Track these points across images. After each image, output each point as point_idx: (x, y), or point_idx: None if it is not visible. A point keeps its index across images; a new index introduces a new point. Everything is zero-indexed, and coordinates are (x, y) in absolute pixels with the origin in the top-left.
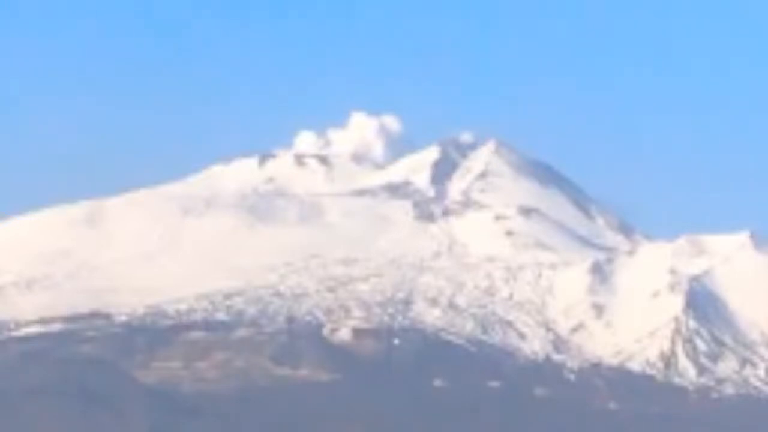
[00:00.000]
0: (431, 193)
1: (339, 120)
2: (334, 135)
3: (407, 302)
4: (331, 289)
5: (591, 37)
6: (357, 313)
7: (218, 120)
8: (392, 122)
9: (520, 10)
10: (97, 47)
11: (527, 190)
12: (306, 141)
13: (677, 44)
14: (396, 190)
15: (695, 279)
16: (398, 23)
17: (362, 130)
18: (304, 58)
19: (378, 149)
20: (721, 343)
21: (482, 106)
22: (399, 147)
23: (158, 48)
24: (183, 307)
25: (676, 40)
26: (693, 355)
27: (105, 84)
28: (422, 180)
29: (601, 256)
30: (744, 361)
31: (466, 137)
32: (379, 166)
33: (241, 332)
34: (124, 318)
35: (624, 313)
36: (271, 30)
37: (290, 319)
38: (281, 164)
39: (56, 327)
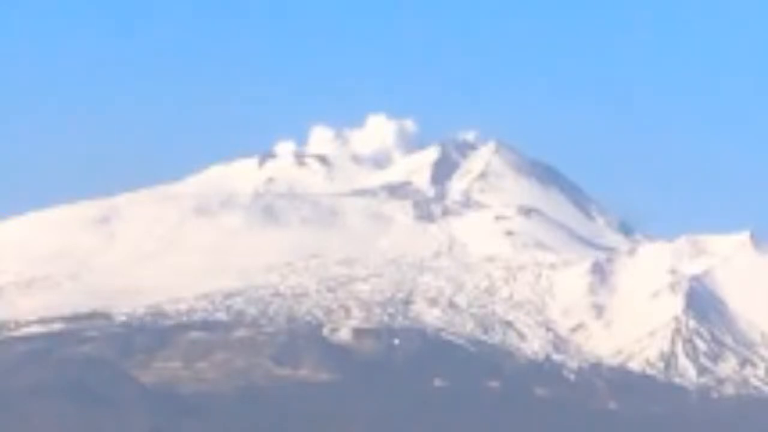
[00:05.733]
0: (431, 193)
1: (349, 120)
2: (351, 135)
3: (407, 302)
4: (331, 289)
5: (591, 38)
6: (357, 313)
7: (221, 120)
8: (410, 125)
9: (520, 11)
10: (96, 47)
11: (527, 190)
12: (322, 138)
13: (677, 44)
14: (396, 190)
15: (695, 279)
16: (398, 23)
17: (380, 131)
18: (306, 59)
19: (396, 151)
20: (721, 343)
21: (483, 106)
22: (410, 148)
23: (168, 47)
24: (183, 307)
25: (675, 40)
26: (693, 355)
27: (107, 84)
28: (422, 180)
29: (601, 256)
30: (744, 361)
31: (466, 137)
32: (380, 166)
33: (241, 332)
34: (124, 318)
35: (624, 313)
36: (280, 29)
37: (290, 319)
38: (281, 164)
39: (56, 327)
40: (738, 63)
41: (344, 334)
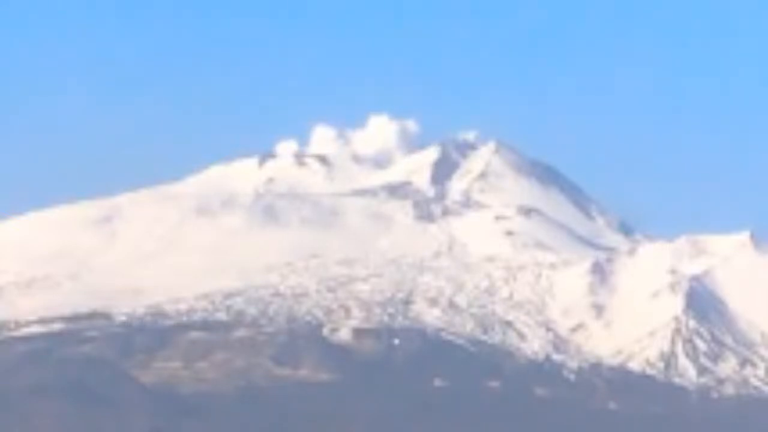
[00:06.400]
0: (431, 193)
1: (351, 121)
2: (353, 135)
3: (407, 302)
4: (331, 289)
5: (591, 37)
6: (357, 313)
7: (224, 120)
8: (412, 125)
9: (520, 10)
10: (97, 47)
11: (527, 190)
12: (324, 138)
13: (677, 44)
14: (396, 190)
15: (695, 279)
16: (397, 23)
17: (382, 132)
18: (309, 59)
19: (398, 152)
20: (721, 343)
21: (483, 106)
22: (412, 149)
23: (170, 46)
24: (183, 307)
25: (676, 40)
26: (693, 355)
27: (107, 84)
28: (422, 180)
29: (601, 256)
30: (744, 361)
31: (466, 137)
32: (381, 166)
33: (241, 332)
34: (124, 318)
35: (624, 313)
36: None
37: (290, 319)
38: (281, 164)
39: (56, 327)
40: (738, 63)
41: (344, 334)
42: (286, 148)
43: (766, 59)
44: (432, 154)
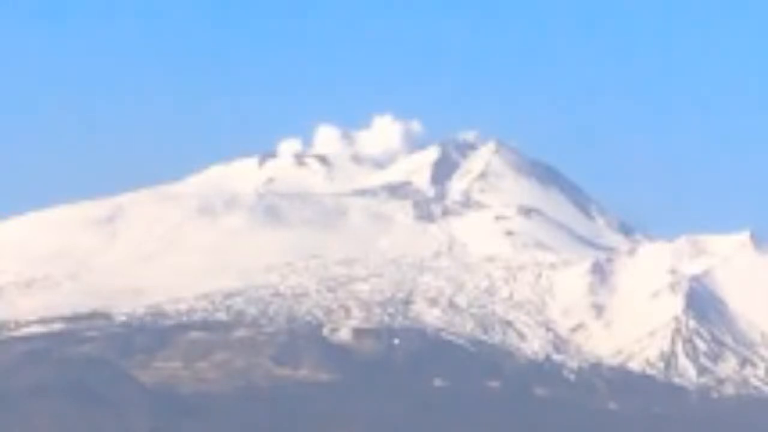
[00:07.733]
0: (431, 193)
1: (355, 121)
2: (357, 135)
3: (407, 302)
4: (331, 289)
5: (591, 38)
6: (357, 313)
7: (227, 119)
8: (416, 126)
9: (520, 10)
10: (97, 46)
11: (527, 190)
12: (328, 138)
13: (677, 44)
14: (396, 190)
15: (695, 279)
16: (397, 22)
17: (386, 132)
18: (312, 60)
19: (402, 152)
20: (721, 343)
21: (483, 106)
22: (416, 149)
23: (179, 46)
24: (183, 307)
25: (676, 40)
26: (693, 355)
27: (107, 84)
28: (422, 180)
29: (601, 256)
30: (744, 361)
31: (466, 137)
32: (381, 166)
33: (241, 332)
34: (124, 318)
35: (624, 313)
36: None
37: (290, 319)
38: (281, 164)
39: (56, 327)
40: (737, 63)
41: (344, 334)
42: (289, 148)
43: (766, 59)
44: (432, 154)
